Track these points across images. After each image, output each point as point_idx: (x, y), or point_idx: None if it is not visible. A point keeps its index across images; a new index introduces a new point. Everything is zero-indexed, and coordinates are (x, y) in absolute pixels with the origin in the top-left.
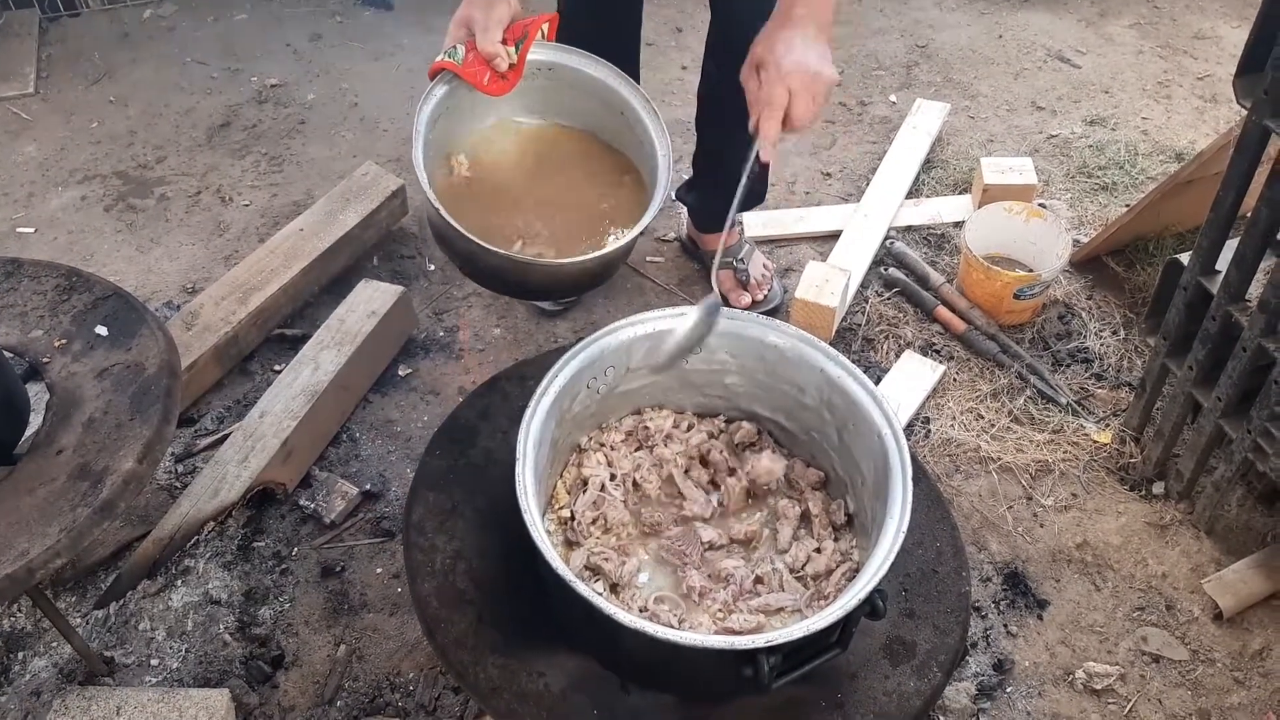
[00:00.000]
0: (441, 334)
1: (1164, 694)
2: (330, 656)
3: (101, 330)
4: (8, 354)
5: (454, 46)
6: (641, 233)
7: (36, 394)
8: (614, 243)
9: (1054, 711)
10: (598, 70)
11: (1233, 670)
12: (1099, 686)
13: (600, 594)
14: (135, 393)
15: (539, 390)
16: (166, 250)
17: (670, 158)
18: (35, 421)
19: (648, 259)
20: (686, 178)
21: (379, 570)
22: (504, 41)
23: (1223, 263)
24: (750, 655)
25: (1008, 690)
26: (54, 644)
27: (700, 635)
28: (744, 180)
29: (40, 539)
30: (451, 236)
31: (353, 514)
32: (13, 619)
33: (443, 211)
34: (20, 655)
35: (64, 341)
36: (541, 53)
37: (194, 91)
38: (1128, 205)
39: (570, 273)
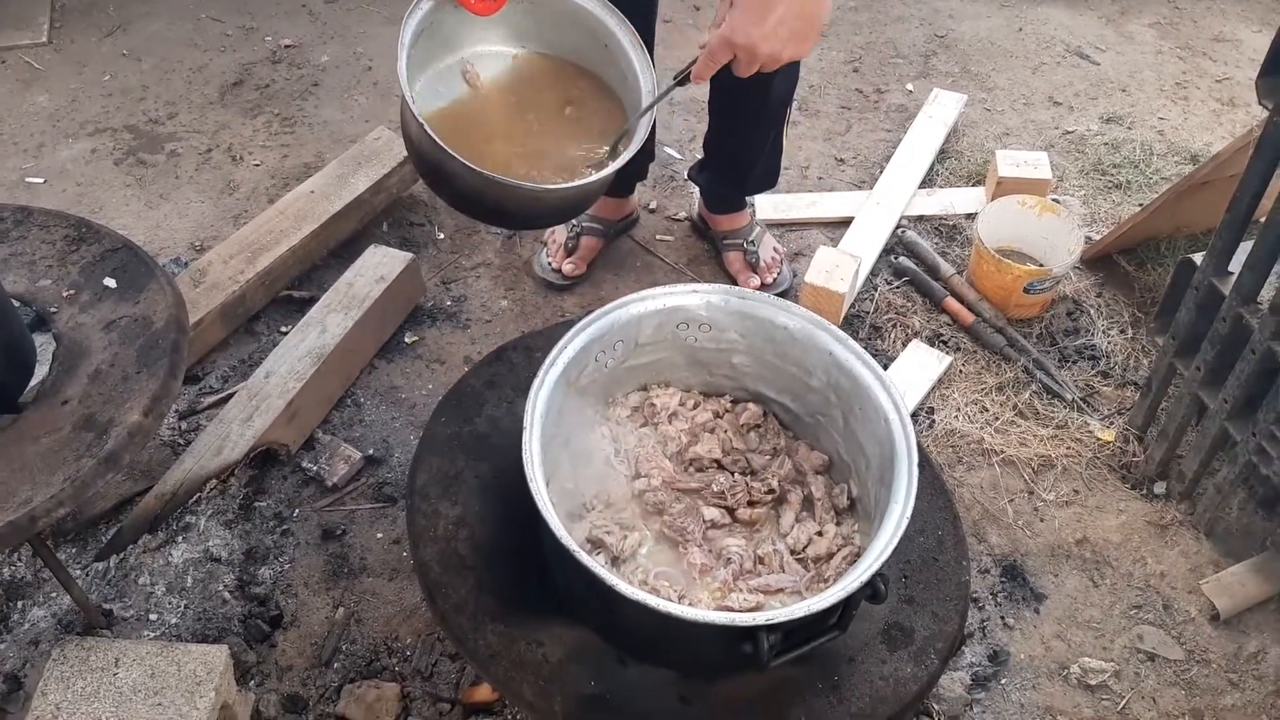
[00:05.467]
0: (449, 303)
1: (1158, 692)
2: (328, 618)
3: (110, 282)
4: (15, 302)
5: None
6: (620, 167)
7: (43, 344)
8: (592, 175)
9: (1047, 705)
10: None
11: (1228, 671)
12: (1093, 682)
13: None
14: (142, 346)
15: (548, 361)
16: (175, 206)
17: (654, 93)
18: (41, 371)
19: (658, 237)
20: (699, 158)
21: (379, 535)
22: None
23: (1236, 264)
24: (750, 632)
25: (1002, 682)
26: (53, 594)
27: (701, 610)
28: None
29: (44, 488)
30: (432, 153)
31: (355, 478)
32: (13, 568)
33: (428, 129)
34: (20, 604)
35: (72, 292)
36: None
37: (208, 48)
38: (1141, 204)
39: (549, 200)
